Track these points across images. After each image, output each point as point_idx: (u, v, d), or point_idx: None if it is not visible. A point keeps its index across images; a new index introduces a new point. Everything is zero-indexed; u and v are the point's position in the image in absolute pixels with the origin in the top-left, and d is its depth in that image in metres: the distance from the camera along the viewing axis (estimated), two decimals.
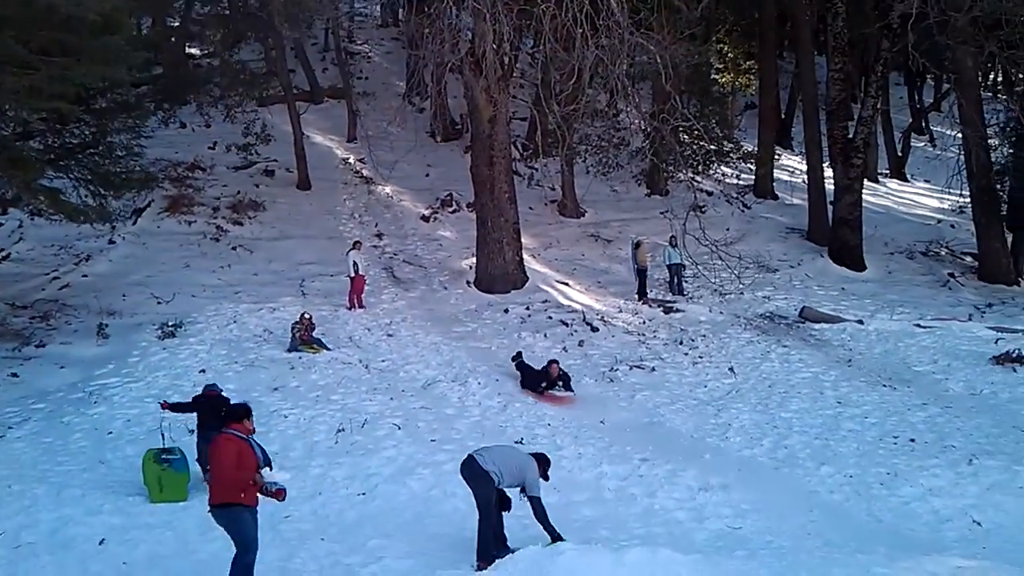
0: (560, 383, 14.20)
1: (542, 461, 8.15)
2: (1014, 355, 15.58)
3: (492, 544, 7.52)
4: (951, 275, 22.33)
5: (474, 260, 20.60)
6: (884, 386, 14.62)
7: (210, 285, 19.36)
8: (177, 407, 10.68)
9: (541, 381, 14.24)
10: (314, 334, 15.85)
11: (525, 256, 20.85)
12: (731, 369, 15.65)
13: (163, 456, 9.82)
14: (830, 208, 23.91)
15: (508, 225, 19.77)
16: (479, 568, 7.30)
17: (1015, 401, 13.84)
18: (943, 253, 24.15)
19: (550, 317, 18.20)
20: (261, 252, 21.60)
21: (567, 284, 20.78)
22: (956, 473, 10.92)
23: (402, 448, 11.36)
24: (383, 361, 15.42)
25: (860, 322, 18.29)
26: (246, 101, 26.33)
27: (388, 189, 26.19)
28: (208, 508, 6.83)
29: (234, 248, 21.60)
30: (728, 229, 24.12)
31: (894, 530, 9.64)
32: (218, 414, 10.51)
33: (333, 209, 24.81)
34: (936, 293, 21.15)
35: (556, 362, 14.51)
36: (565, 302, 19.34)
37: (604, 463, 11.16)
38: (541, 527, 7.78)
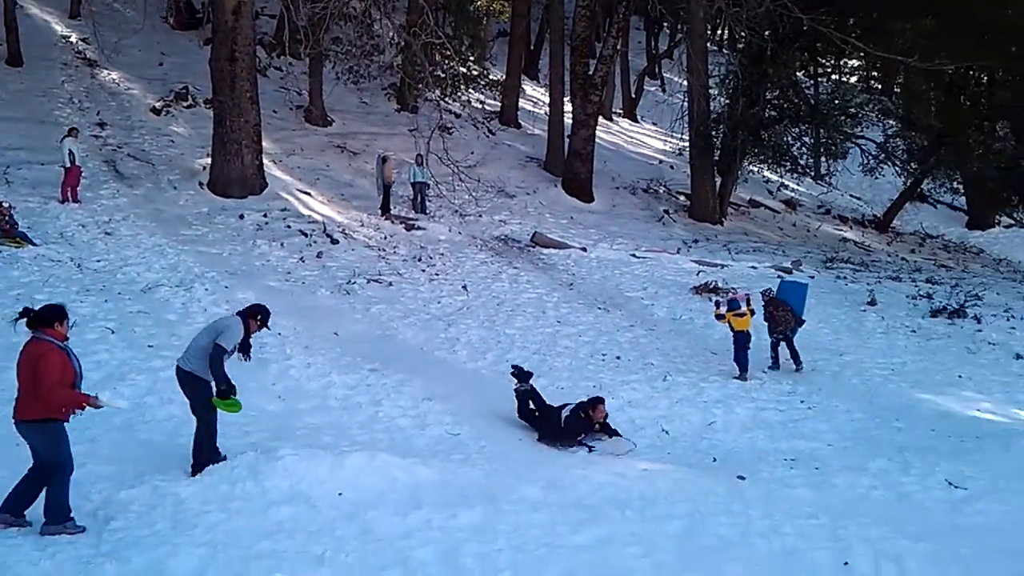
0: (598, 427, 9.96)
1: (255, 311, 7.68)
2: (711, 286, 17.44)
3: (208, 449, 7.36)
4: (666, 212, 24.41)
5: (209, 160, 19.46)
6: (599, 308, 15.85)
7: None
8: None
9: (580, 432, 9.83)
10: (20, 227, 14.35)
11: (265, 161, 20.01)
12: (464, 287, 16.20)
13: None
14: (567, 141, 25.08)
15: (248, 126, 18.80)
16: (193, 474, 7.15)
17: (708, 327, 15.48)
18: (661, 191, 26.28)
19: (289, 226, 17.75)
20: None
21: (309, 194, 20.29)
22: (652, 388, 12.11)
23: (115, 352, 10.67)
24: (98, 261, 14.28)
25: (584, 249, 19.60)
26: None
27: (115, 75, 23.91)
28: (15, 421, 6.03)
29: None
30: (472, 152, 24.66)
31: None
32: None
33: (48, 91, 22.30)
34: (652, 227, 23.05)
35: (602, 401, 10.14)
36: (306, 212, 18.93)
37: (333, 373, 11.20)
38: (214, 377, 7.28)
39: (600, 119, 26.36)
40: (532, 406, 10.38)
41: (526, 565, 5.85)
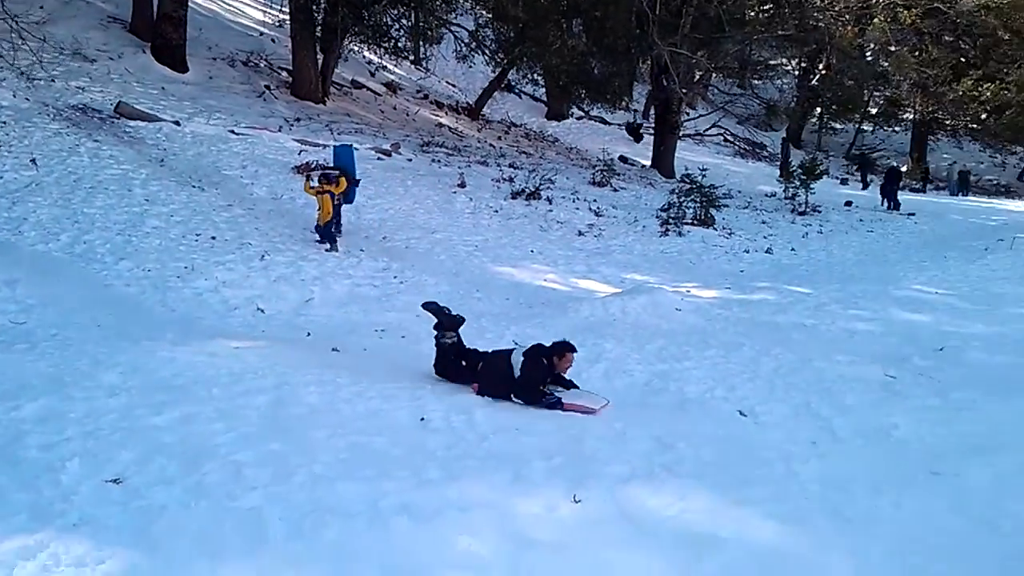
0: (551, 378, 8.17)
1: None
2: (312, 165, 17.40)
3: None
4: (267, 87, 23.55)
5: None
6: (194, 187, 15.07)
7: None
8: None
9: (542, 384, 8.03)
10: None
11: None
12: (33, 161, 14.35)
13: None
14: (155, 2, 22.86)
15: None
16: None
17: (308, 206, 15.52)
18: (262, 65, 25.23)
19: None
20: None
21: None
22: (249, 267, 11.99)
23: None
24: None
25: (177, 123, 18.32)
26: None
27: None
28: None
29: None
30: (41, 7, 21.42)
31: (186, 319, 10.26)
32: None
33: None
34: (252, 103, 22.15)
35: (573, 349, 8.21)
36: None
37: None
38: None
39: None
40: (455, 357, 8.61)
41: (98, 451, 5.59)
